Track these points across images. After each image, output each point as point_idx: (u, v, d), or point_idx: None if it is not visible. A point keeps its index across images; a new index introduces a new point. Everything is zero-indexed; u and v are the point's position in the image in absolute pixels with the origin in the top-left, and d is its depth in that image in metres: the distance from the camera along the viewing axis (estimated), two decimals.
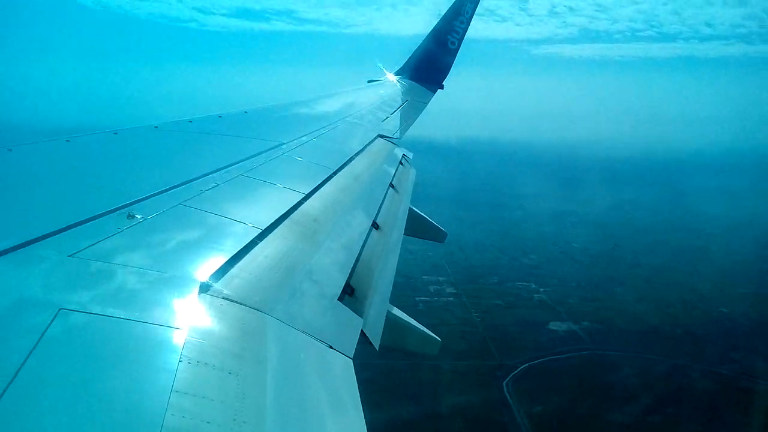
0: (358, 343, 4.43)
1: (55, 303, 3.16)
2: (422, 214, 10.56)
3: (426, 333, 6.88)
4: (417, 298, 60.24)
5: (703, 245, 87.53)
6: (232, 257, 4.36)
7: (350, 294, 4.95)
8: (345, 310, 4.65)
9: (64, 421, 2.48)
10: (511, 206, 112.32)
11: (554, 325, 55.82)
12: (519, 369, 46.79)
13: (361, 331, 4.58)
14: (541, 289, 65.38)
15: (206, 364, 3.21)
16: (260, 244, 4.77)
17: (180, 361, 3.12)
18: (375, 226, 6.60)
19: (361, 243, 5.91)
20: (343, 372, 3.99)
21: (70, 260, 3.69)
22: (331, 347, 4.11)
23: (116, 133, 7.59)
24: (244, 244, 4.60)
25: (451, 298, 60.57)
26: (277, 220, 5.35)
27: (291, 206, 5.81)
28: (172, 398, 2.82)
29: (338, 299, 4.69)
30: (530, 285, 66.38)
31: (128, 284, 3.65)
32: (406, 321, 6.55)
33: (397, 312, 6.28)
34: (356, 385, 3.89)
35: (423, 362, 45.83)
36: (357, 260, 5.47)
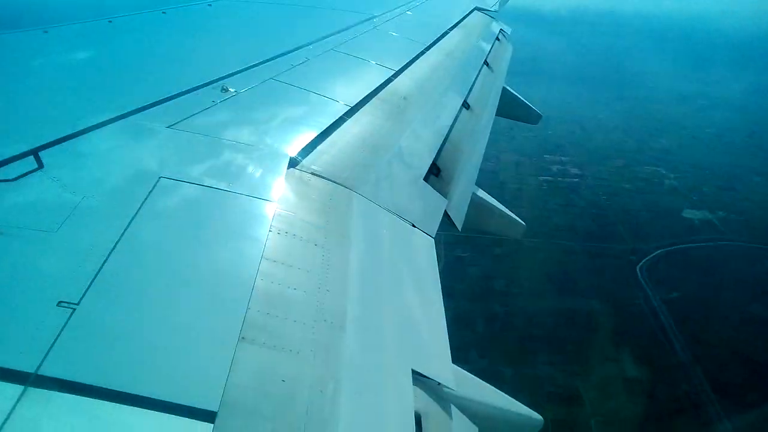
0: (441, 222, 4.46)
1: (155, 171, 3.34)
2: (516, 93, 10.08)
3: (511, 216, 6.80)
4: (540, 178, 58.42)
5: None
6: (320, 133, 4.39)
7: (436, 174, 4.92)
8: (430, 190, 4.65)
9: (163, 283, 2.72)
10: (634, 84, 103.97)
11: (688, 213, 52.63)
12: (653, 254, 45.00)
13: (445, 211, 4.59)
14: (672, 175, 61.25)
15: (294, 235, 3.37)
16: (349, 121, 4.76)
17: (270, 231, 3.28)
18: (466, 105, 6.38)
19: (450, 123, 5.76)
20: (424, 250, 4.06)
21: (168, 131, 3.85)
22: (414, 225, 4.16)
23: (210, 5, 7.60)
24: (333, 121, 4.61)
25: (576, 179, 58.20)
26: (366, 96, 5.29)
27: (381, 83, 5.71)
28: (262, 265, 3.00)
29: (424, 179, 4.68)
30: (660, 170, 62.24)
31: (223, 156, 3.80)
32: (490, 203, 6.49)
33: (482, 194, 6.21)
34: (436, 262, 3.96)
35: (556, 243, 45.59)
36: (445, 140, 5.36)
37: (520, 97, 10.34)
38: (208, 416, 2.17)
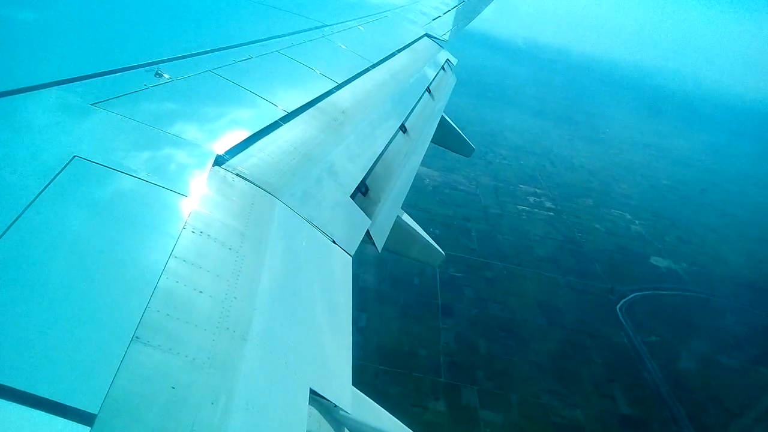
0: (362, 242, 4.47)
1: (70, 150, 3.15)
2: (453, 124, 10.30)
3: (432, 245, 6.91)
4: (519, 207, 62.34)
5: None
6: (252, 135, 4.32)
7: (364, 193, 4.93)
8: (355, 208, 4.65)
9: (58, 269, 2.55)
10: (591, 125, 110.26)
11: (655, 261, 58.10)
12: (630, 296, 49.37)
13: (368, 230, 4.61)
14: (637, 221, 67.32)
15: (209, 236, 3.27)
16: (283, 127, 4.70)
17: (184, 228, 3.17)
18: (403, 128, 6.45)
19: (385, 144, 5.80)
20: (341, 267, 4.05)
21: (92, 109, 3.66)
22: (334, 242, 4.15)
23: None
24: (266, 124, 4.54)
25: (552, 213, 62.84)
26: (304, 105, 5.24)
27: (322, 93, 5.68)
28: (170, 263, 2.89)
29: (351, 196, 4.68)
30: (625, 215, 68.19)
31: (146, 143, 3.64)
32: (414, 229, 6.56)
33: (407, 219, 6.28)
34: (351, 282, 3.96)
35: (540, 274, 48.46)
36: (377, 160, 5.39)
37: (456, 128, 10.57)
38: (86, 418, 2.04)
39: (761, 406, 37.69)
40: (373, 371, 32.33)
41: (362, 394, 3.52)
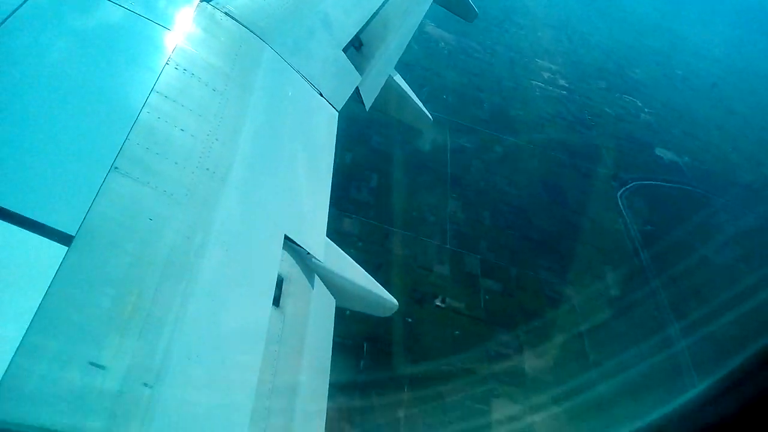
0: (350, 99, 4.40)
1: None
2: None
3: (421, 109, 6.72)
4: (532, 82, 61.81)
5: None
6: None
7: (357, 48, 4.78)
8: (346, 63, 4.53)
9: (38, 92, 2.55)
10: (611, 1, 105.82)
11: (659, 151, 59.68)
12: (630, 185, 51.17)
13: (357, 87, 4.52)
14: (647, 109, 67.61)
15: (193, 74, 3.21)
16: None
17: (167, 63, 3.11)
18: None
19: None
20: (326, 121, 4.02)
21: None
22: (321, 95, 4.09)
23: None
24: None
25: (564, 92, 62.49)
26: None
27: None
28: (152, 97, 2.87)
29: (343, 49, 4.53)
30: (636, 101, 68.22)
31: None
32: (405, 91, 6.41)
33: (398, 80, 6.08)
34: (335, 136, 3.96)
35: (548, 153, 49.55)
36: (375, 14, 5.15)
37: None
38: (64, 239, 2.14)
39: (731, 294, 40.21)
40: (382, 231, 33.51)
41: (336, 246, 3.66)
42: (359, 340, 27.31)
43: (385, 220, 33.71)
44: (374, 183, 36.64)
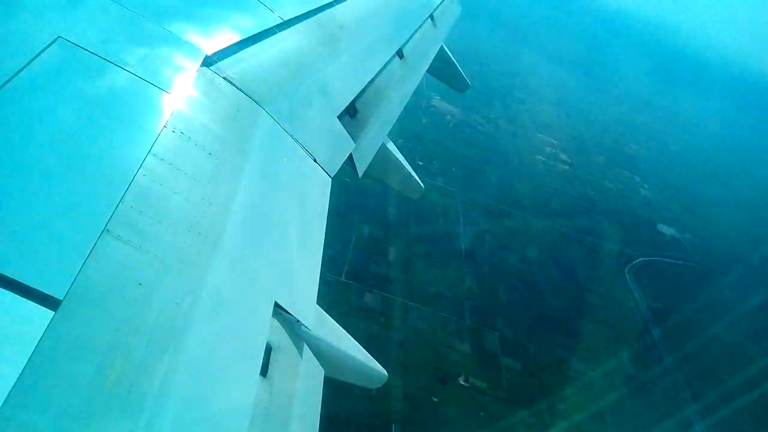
0: (344, 164, 4.41)
1: (54, 29, 3.08)
2: (452, 57, 9.89)
3: (413, 177, 6.75)
4: (536, 156, 64.09)
5: None
6: (245, 39, 4.22)
7: (351, 115, 4.85)
8: (341, 130, 4.59)
9: (33, 152, 2.55)
10: (607, 79, 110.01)
11: (661, 228, 60.78)
12: (636, 261, 51.97)
13: (350, 154, 4.53)
14: (645, 185, 69.41)
15: (189, 138, 3.25)
16: (278, 35, 4.60)
17: (165, 127, 3.15)
18: (400, 54, 6.28)
19: (380, 67, 5.68)
20: (319, 187, 4.03)
21: None
22: (315, 161, 4.11)
23: None
24: (261, 30, 4.43)
25: (567, 167, 64.63)
26: (303, 14, 5.09)
27: (322, 5, 5.50)
28: (148, 160, 2.88)
29: (338, 116, 4.59)
30: (635, 177, 70.25)
31: (136, 33, 3.55)
32: (397, 159, 6.46)
33: (391, 147, 6.17)
34: (327, 203, 3.94)
35: (556, 229, 49.79)
36: (370, 83, 5.28)
37: (454, 61, 10.16)
38: (52, 303, 2.08)
39: (734, 366, 40.31)
40: (402, 306, 33.67)
41: (326, 314, 3.58)
42: (387, 422, 26.55)
43: (402, 295, 33.85)
44: (392, 257, 37.20)
